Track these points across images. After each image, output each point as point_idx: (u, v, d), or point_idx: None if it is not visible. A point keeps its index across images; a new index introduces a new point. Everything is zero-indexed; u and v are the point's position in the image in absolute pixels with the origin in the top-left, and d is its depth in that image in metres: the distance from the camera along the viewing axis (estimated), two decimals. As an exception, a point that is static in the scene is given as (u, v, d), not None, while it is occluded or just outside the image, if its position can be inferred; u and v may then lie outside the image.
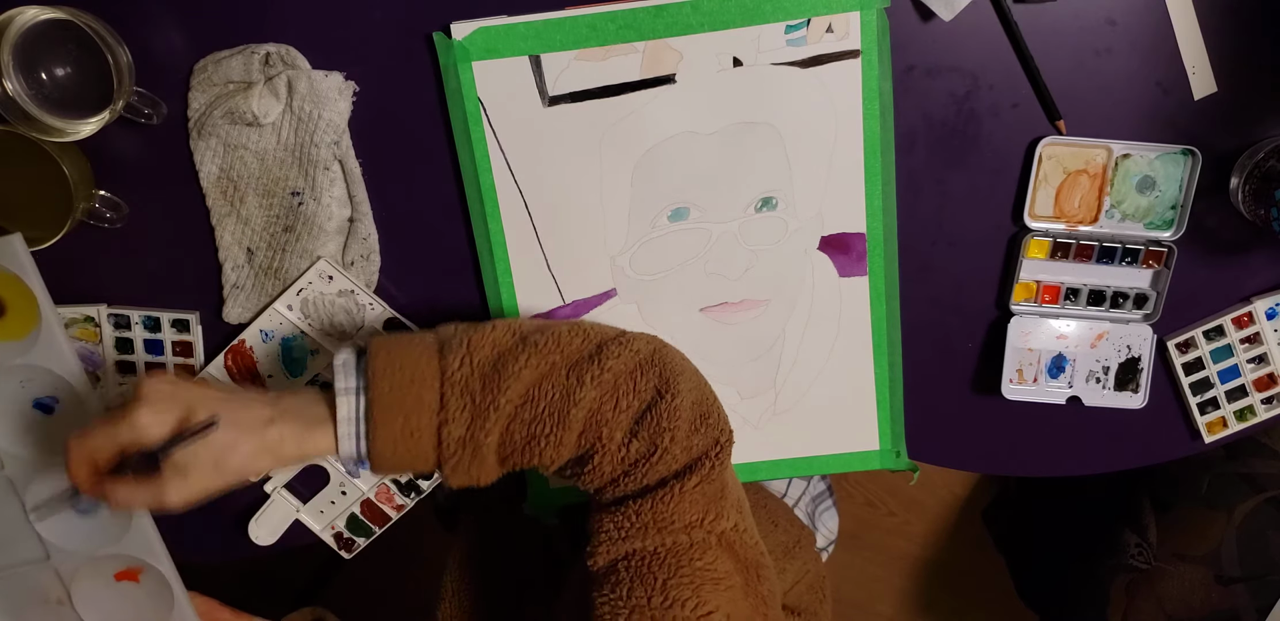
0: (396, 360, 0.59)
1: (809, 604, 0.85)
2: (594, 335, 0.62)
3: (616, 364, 0.60)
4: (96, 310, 0.76)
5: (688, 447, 0.60)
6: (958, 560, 1.70)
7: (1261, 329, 0.79)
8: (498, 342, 0.60)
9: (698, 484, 0.59)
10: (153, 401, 0.56)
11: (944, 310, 0.79)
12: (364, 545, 0.84)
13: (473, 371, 0.59)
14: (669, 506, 0.58)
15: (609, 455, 0.60)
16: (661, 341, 0.65)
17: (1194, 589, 1.07)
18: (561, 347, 0.61)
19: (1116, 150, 0.74)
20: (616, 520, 0.59)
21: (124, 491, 0.56)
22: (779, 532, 0.86)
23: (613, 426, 0.59)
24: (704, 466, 0.59)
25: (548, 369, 0.60)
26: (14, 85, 0.66)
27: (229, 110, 0.70)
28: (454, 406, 0.58)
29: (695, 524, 0.58)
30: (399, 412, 0.57)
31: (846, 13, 0.70)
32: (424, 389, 0.58)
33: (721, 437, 0.61)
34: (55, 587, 0.68)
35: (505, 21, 0.69)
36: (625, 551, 0.58)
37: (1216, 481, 1.08)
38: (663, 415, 0.59)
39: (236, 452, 0.57)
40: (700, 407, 0.62)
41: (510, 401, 0.58)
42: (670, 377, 0.61)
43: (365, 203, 0.74)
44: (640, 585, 0.56)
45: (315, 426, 0.59)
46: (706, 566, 0.57)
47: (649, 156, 0.73)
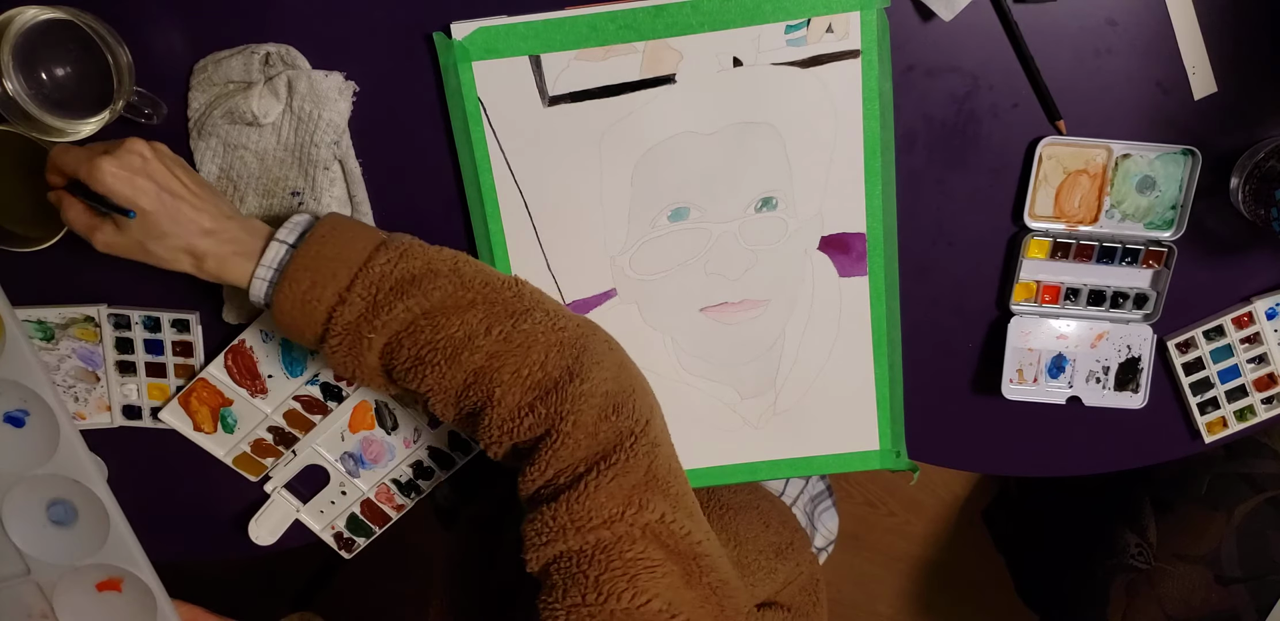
0: (338, 235, 0.63)
1: (801, 604, 0.85)
2: (530, 299, 0.64)
3: (533, 330, 0.62)
4: (96, 310, 0.76)
5: (593, 435, 0.60)
6: (958, 560, 1.70)
7: (1261, 329, 0.79)
8: (432, 262, 0.64)
9: (612, 478, 0.59)
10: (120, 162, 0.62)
11: (944, 310, 0.79)
12: (364, 545, 0.84)
13: (391, 272, 0.62)
14: (584, 505, 0.59)
15: (497, 417, 0.61)
16: (595, 328, 0.66)
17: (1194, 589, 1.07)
18: (488, 292, 0.63)
19: (1116, 150, 0.74)
20: (535, 526, 0.60)
21: (72, 210, 0.64)
22: (770, 533, 0.86)
23: (505, 388, 0.61)
24: (616, 458, 0.60)
25: (463, 303, 0.62)
26: (14, 85, 0.66)
27: (229, 110, 0.70)
28: (356, 293, 0.62)
29: (615, 517, 0.58)
30: (309, 275, 0.62)
31: (846, 13, 0.70)
32: (341, 267, 0.62)
33: (636, 428, 0.61)
34: (38, 602, 0.67)
35: (505, 21, 0.69)
36: (552, 555, 0.59)
37: (1216, 481, 1.08)
38: (567, 398, 0.60)
39: (163, 242, 0.63)
40: (613, 398, 0.62)
41: (409, 310, 0.61)
42: (586, 363, 0.62)
43: (365, 203, 0.74)
44: (574, 585, 0.57)
45: (241, 257, 0.64)
46: (637, 556, 0.57)
47: (649, 156, 0.73)
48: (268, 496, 0.81)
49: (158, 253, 0.64)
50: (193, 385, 0.78)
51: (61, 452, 0.64)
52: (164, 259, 0.64)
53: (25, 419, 0.66)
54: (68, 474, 0.65)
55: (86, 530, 0.65)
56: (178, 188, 0.63)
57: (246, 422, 0.79)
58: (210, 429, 0.79)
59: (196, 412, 0.79)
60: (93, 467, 0.65)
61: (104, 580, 0.66)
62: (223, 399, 0.78)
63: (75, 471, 0.65)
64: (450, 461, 0.80)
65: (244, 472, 0.81)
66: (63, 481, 0.65)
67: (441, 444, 0.80)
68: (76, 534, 0.66)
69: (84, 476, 0.65)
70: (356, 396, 0.78)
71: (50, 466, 0.65)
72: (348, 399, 0.78)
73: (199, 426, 0.79)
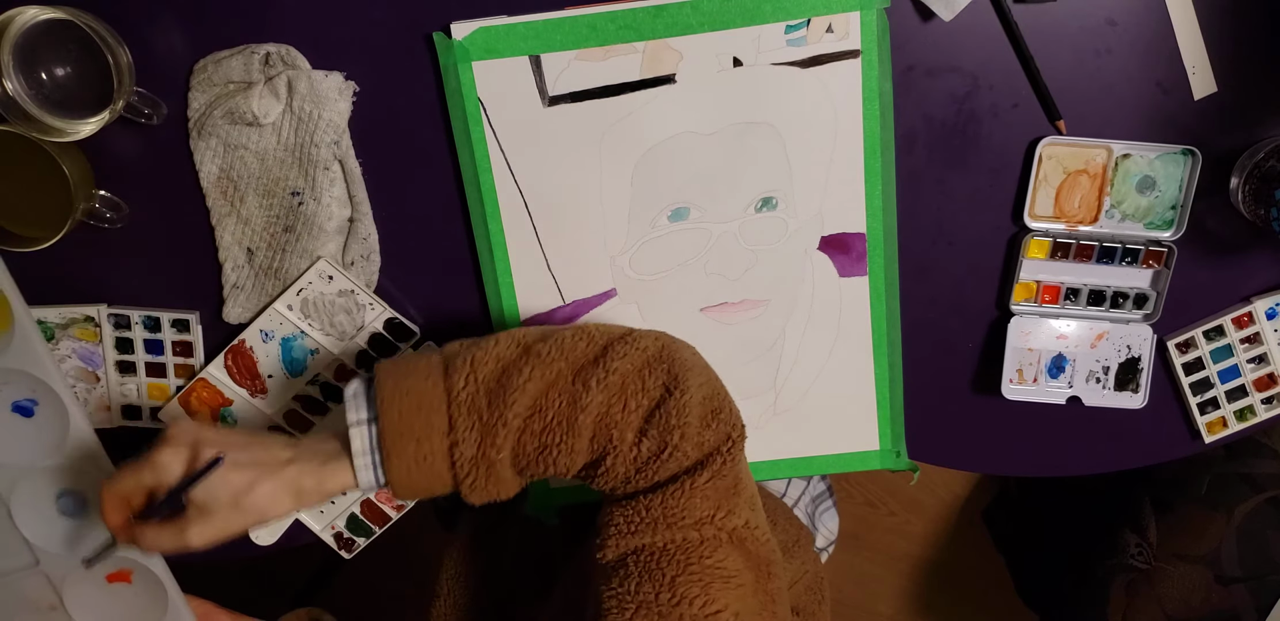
0: (403, 386, 0.59)
1: (807, 604, 0.85)
2: (599, 337, 0.62)
3: (623, 364, 0.60)
4: (96, 310, 0.76)
5: (699, 443, 0.59)
6: (958, 560, 1.70)
7: (1261, 329, 0.79)
8: (501, 356, 0.60)
9: (709, 480, 0.59)
10: (173, 442, 0.58)
11: (944, 310, 0.79)
12: (364, 545, 0.84)
13: (478, 389, 0.58)
14: (680, 502, 0.58)
15: (621, 456, 0.59)
16: (670, 337, 0.64)
17: (1194, 589, 1.07)
18: (565, 354, 0.60)
19: (1116, 150, 0.74)
20: (627, 514, 0.59)
21: (151, 534, 0.58)
22: (777, 532, 0.86)
23: (623, 427, 0.59)
24: (715, 462, 0.59)
25: (554, 377, 0.59)
26: (14, 85, 0.66)
27: (229, 110, 0.70)
28: (462, 427, 0.58)
29: (706, 520, 0.58)
30: (410, 439, 0.57)
31: (846, 13, 0.70)
32: (432, 413, 0.58)
33: (734, 433, 0.61)
34: (47, 594, 0.67)
35: (505, 21, 0.69)
36: (635, 546, 0.58)
37: (1216, 481, 1.08)
38: (672, 412, 0.59)
39: (255, 491, 0.58)
40: (711, 403, 0.61)
41: (518, 415, 0.58)
42: (679, 373, 0.60)
43: (365, 203, 0.74)
44: (649, 580, 0.56)
45: (332, 461, 0.60)
46: (716, 564, 0.57)
47: (649, 156, 0.73)
48: (268, 496, 0.81)
49: (257, 503, 0.58)
50: (193, 385, 0.78)
51: (71, 443, 0.64)
52: (265, 507, 0.59)
53: (34, 409, 0.65)
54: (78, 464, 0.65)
55: (95, 522, 0.65)
56: (235, 436, 0.60)
57: (246, 423, 0.79)
58: (210, 429, 0.79)
59: (196, 412, 0.79)
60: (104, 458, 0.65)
61: (114, 571, 0.66)
62: (223, 399, 0.78)
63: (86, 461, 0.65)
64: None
65: (244, 472, 0.81)
66: (72, 471, 0.65)
67: (441, 444, 0.80)
68: (86, 525, 0.66)
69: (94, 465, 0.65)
70: (356, 396, 0.78)
71: (60, 456, 0.65)
72: (348, 399, 0.78)
73: (199, 426, 0.79)
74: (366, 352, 0.77)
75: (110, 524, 0.59)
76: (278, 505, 0.59)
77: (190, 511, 0.58)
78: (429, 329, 0.78)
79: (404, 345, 0.77)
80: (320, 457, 0.60)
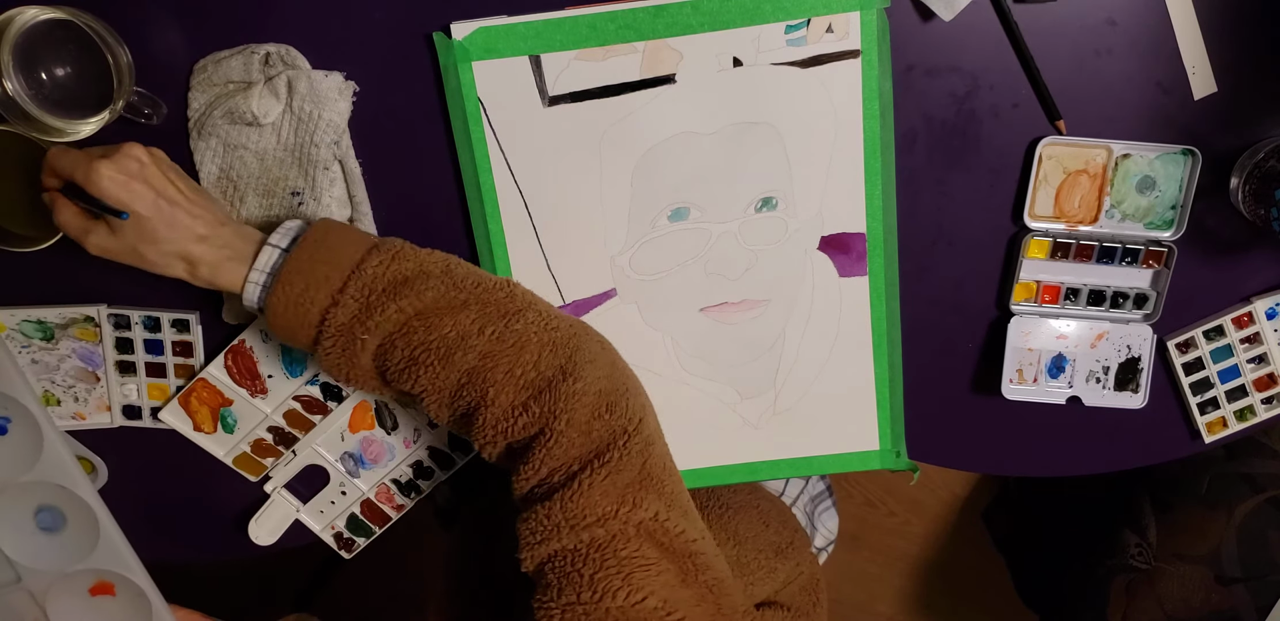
0: (330, 239, 0.64)
1: (802, 604, 0.85)
2: (522, 299, 0.65)
3: (525, 330, 0.62)
4: (96, 310, 0.76)
5: (586, 433, 0.60)
6: (958, 560, 1.70)
7: (1261, 329, 0.79)
8: (424, 264, 0.64)
9: (606, 476, 0.59)
10: (117, 166, 0.62)
11: (944, 310, 0.79)
12: (364, 545, 0.84)
13: (383, 274, 0.63)
14: (577, 503, 0.59)
15: (491, 417, 0.62)
16: (587, 329, 0.67)
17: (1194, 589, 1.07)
18: (480, 292, 0.64)
19: (1116, 150, 0.74)
20: (530, 525, 0.60)
21: (65, 212, 0.65)
22: (770, 533, 0.86)
23: (499, 388, 0.61)
24: (610, 456, 0.60)
25: (456, 303, 0.62)
26: (14, 85, 0.66)
27: (229, 110, 0.70)
28: (349, 294, 0.62)
29: (609, 515, 0.58)
30: (302, 279, 0.62)
31: (846, 13, 0.70)
32: (334, 269, 0.63)
33: (629, 427, 0.62)
34: (31, 610, 0.67)
35: (505, 21, 0.69)
36: (546, 554, 0.59)
37: (1216, 481, 1.08)
38: (560, 397, 0.60)
39: (156, 247, 0.64)
40: (607, 397, 0.62)
41: (402, 312, 0.62)
42: (579, 362, 0.62)
43: (365, 203, 0.74)
44: (569, 584, 0.57)
45: (234, 262, 0.65)
46: (632, 555, 0.57)
47: (649, 156, 0.73)
48: (268, 496, 0.81)
49: (151, 257, 0.64)
50: (193, 385, 0.78)
51: (46, 458, 0.64)
52: (157, 264, 0.65)
53: (7, 426, 0.65)
54: (53, 479, 0.64)
55: (76, 535, 0.65)
56: (174, 193, 0.64)
57: (246, 422, 0.79)
58: (210, 429, 0.79)
59: (196, 412, 0.79)
60: (79, 472, 0.65)
61: (96, 585, 0.66)
62: (223, 399, 0.78)
63: (61, 477, 0.64)
64: (450, 461, 0.80)
65: (244, 472, 0.81)
66: (49, 487, 0.64)
67: (441, 444, 0.80)
68: (66, 539, 0.65)
69: (70, 481, 0.64)
70: (356, 396, 0.78)
71: (35, 473, 0.64)
72: (348, 399, 0.78)
73: (199, 426, 0.79)
74: (366, 352, 0.77)
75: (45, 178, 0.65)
76: (168, 268, 0.65)
77: (103, 223, 0.64)
78: (429, 329, 0.77)
79: (404, 345, 0.77)
80: (227, 253, 0.65)
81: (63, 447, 0.64)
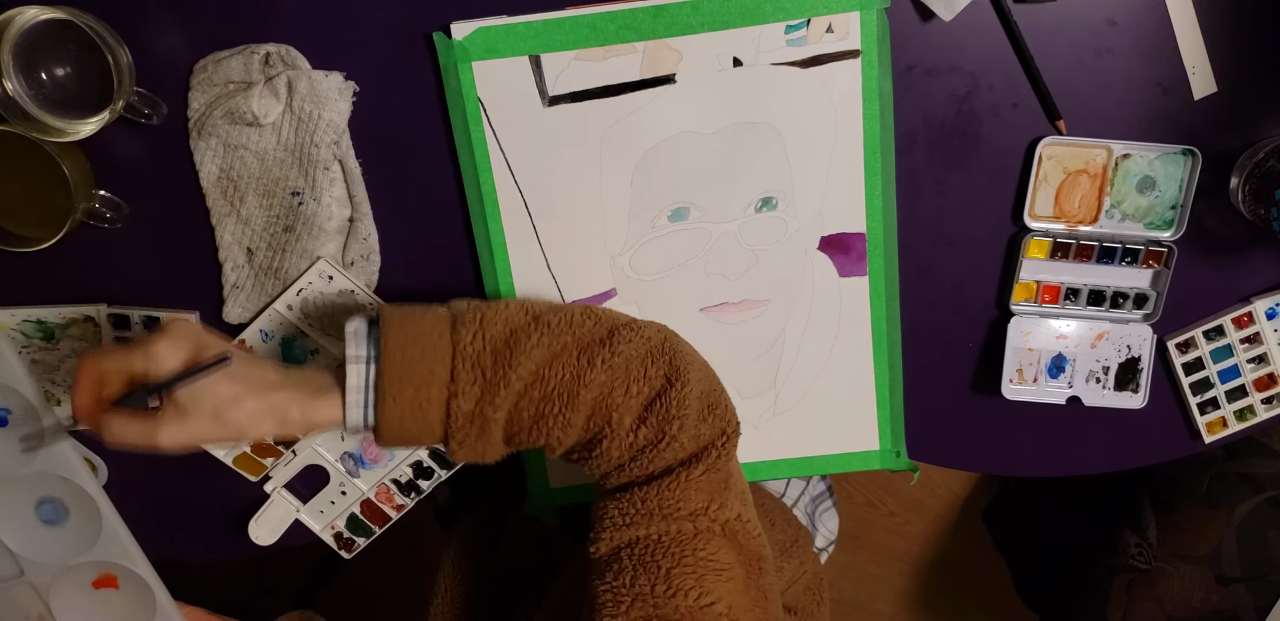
0: (410, 331, 0.58)
1: (806, 604, 0.85)
2: (606, 320, 0.63)
3: (628, 349, 0.60)
4: (96, 310, 0.76)
5: (695, 436, 0.60)
6: (958, 560, 1.70)
7: (1261, 329, 0.79)
8: (510, 320, 0.60)
9: (704, 473, 0.59)
10: (173, 335, 0.56)
11: (944, 310, 0.79)
12: (364, 545, 0.84)
13: (485, 347, 0.58)
14: (674, 494, 0.58)
15: (617, 440, 0.60)
16: (671, 330, 0.65)
17: (1194, 589, 1.07)
18: (574, 328, 0.60)
19: (1116, 150, 0.74)
20: (622, 507, 0.59)
21: (119, 423, 0.55)
22: (775, 531, 0.86)
23: (622, 411, 0.59)
24: (710, 455, 0.60)
25: (559, 349, 0.59)
26: (14, 85, 0.66)
27: (229, 110, 0.70)
28: (464, 380, 0.57)
29: (700, 512, 0.58)
30: (409, 384, 0.57)
31: (846, 13, 0.70)
32: (435, 362, 0.57)
33: (729, 428, 0.61)
34: (34, 604, 0.66)
35: (505, 21, 0.69)
36: (629, 538, 0.58)
37: (1216, 481, 1.08)
38: (672, 403, 0.59)
39: (239, 407, 0.56)
40: (709, 397, 0.62)
41: (521, 379, 0.58)
42: (680, 366, 0.61)
43: (365, 203, 0.74)
44: (644, 572, 0.56)
45: (323, 394, 0.59)
46: (710, 556, 0.57)
47: (649, 156, 0.73)
48: (268, 496, 0.81)
49: (237, 419, 0.56)
50: (193, 385, 0.78)
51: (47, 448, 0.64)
52: (244, 425, 0.57)
53: (7, 418, 0.65)
54: (55, 470, 0.64)
55: (78, 527, 0.65)
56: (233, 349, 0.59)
57: (246, 422, 0.79)
58: (210, 429, 0.79)
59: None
60: (80, 463, 0.65)
61: (100, 577, 0.66)
62: (223, 399, 0.78)
63: (63, 468, 0.64)
64: (450, 461, 0.80)
65: (244, 472, 0.81)
66: (51, 479, 0.64)
67: (441, 444, 0.80)
68: (68, 532, 0.65)
69: (72, 472, 0.64)
70: (356, 396, 0.78)
71: (37, 464, 0.64)
72: (348, 399, 0.78)
73: (199, 426, 0.79)
74: (366, 352, 0.77)
75: (77, 401, 0.56)
76: (258, 426, 0.57)
77: (168, 410, 0.55)
78: (429, 329, 0.77)
79: (404, 345, 0.77)
80: (310, 388, 0.59)
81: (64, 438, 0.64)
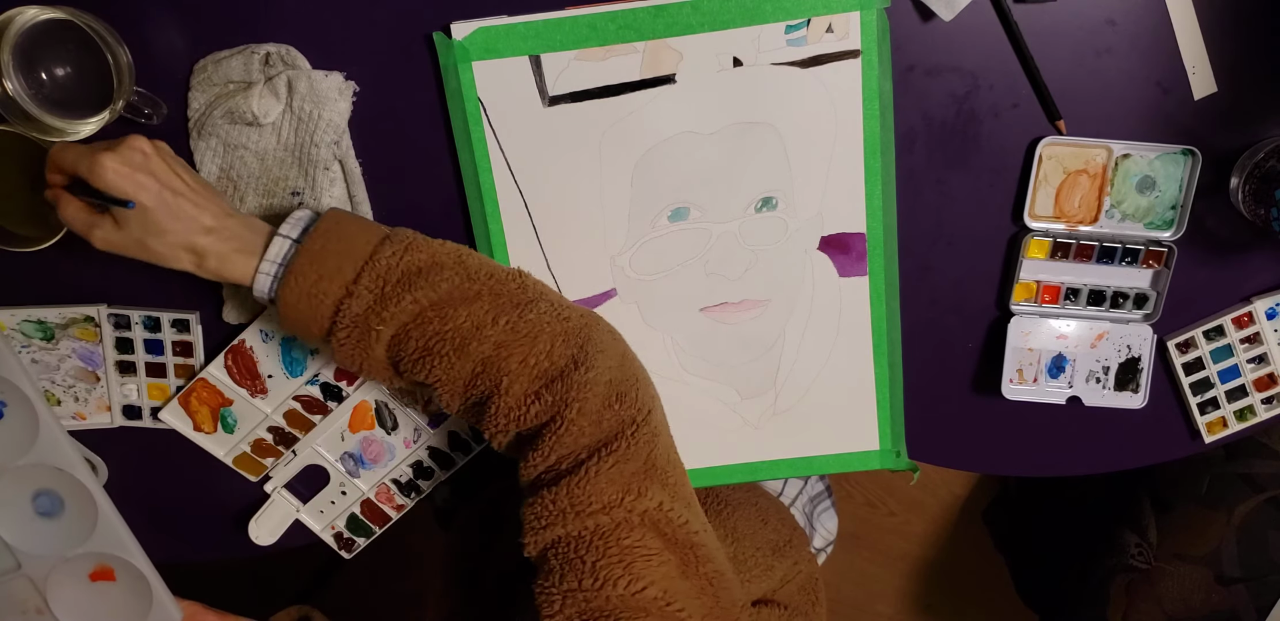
0: (341, 230, 0.63)
1: (800, 603, 0.85)
2: (534, 290, 0.65)
3: (539, 319, 0.62)
4: (96, 310, 0.76)
5: (597, 422, 0.61)
6: (958, 560, 1.70)
7: (1261, 329, 0.79)
8: (436, 254, 0.64)
9: (614, 464, 0.60)
10: (121, 158, 0.61)
11: (944, 310, 0.79)
12: (364, 545, 0.84)
13: (397, 266, 0.62)
14: (584, 489, 0.59)
15: (504, 406, 0.62)
16: (598, 319, 0.67)
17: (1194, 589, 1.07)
18: (494, 286, 0.63)
19: (1116, 150, 0.74)
20: (535, 510, 0.60)
21: (70, 207, 0.64)
22: (768, 530, 0.86)
23: (513, 377, 0.61)
24: (617, 445, 0.60)
25: (470, 294, 0.62)
26: (14, 85, 0.66)
27: (229, 110, 0.70)
28: (364, 285, 0.62)
29: (614, 503, 0.59)
30: (315, 270, 0.62)
31: (846, 13, 0.70)
32: (346, 261, 0.62)
33: (638, 417, 0.62)
34: (31, 597, 0.66)
35: (505, 21, 0.69)
36: (550, 539, 0.59)
37: (1216, 481, 1.08)
38: (572, 386, 0.61)
39: (162, 239, 0.63)
40: (618, 387, 0.62)
41: (417, 302, 0.61)
42: (590, 352, 0.62)
43: (365, 203, 0.74)
44: (570, 570, 0.57)
45: (243, 253, 0.64)
46: (634, 544, 0.58)
47: (649, 156, 0.73)
48: (268, 496, 0.81)
49: (158, 249, 0.63)
50: (193, 385, 0.78)
51: (43, 441, 0.64)
52: (164, 256, 0.64)
53: (3, 410, 0.65)
54: (51, 462, 0.64)
55: (74, 519, 0.65)
56: (179, 185, 0.63)
57: (246, 422, 0.79)
58: (210, 429, 0.79)
59: (196, 412, 0.79)
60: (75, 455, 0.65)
61: (96, 569, 0.66)
62: (223, 399, 0.78)
63: (58, 460, 0.64)
64: (450, 461, 0.80)
65: (244, 472, 0.81)
66: (46, 471, 0.64)
67: (441, 444, 0.80)
68: (65, 524, 0.65)
69: (67, 464, 0.64)
70: (356, 396, 0.78)
71: (32, 456, 0.64)
72: (348, 399, 0.78)
73: (199, 426, 0.79)
74: (366, 352, 0.77)
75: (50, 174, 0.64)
76: (175, 261, 0.64)
77: (108, 216, 0.63)
78: (429, 329, 0.77)
79: (404, 345, 0.77)
80: (235, 242, 0.64)
81: (59, 430, 0.64)
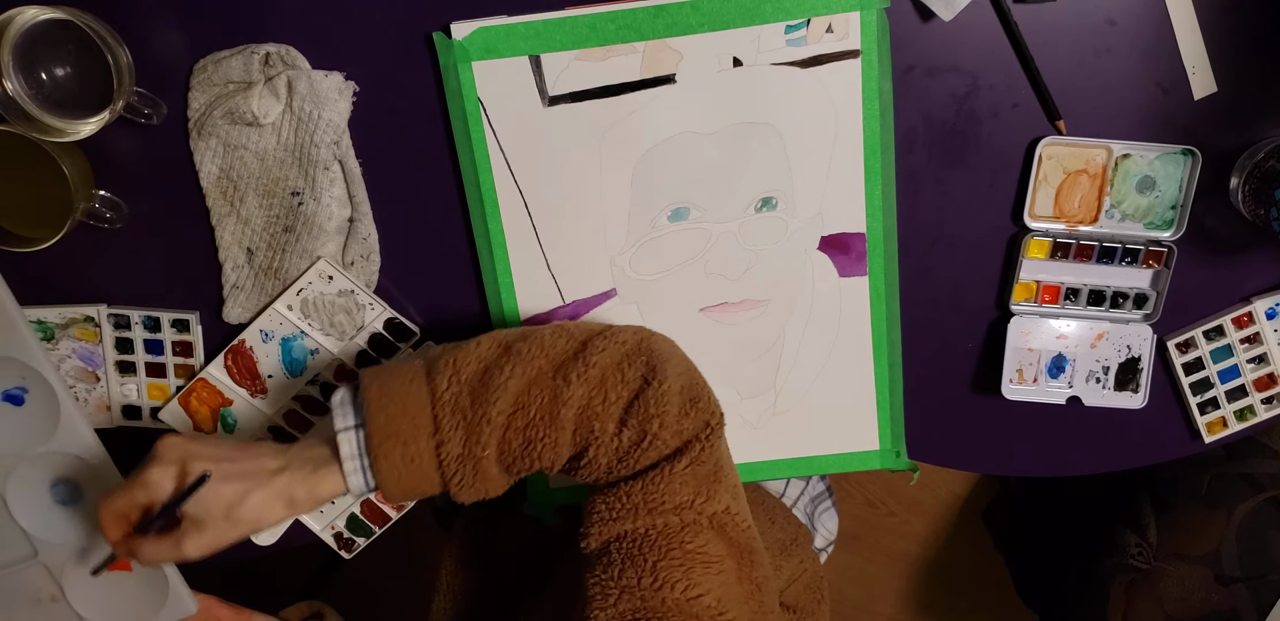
0: (388, 391, 0.60)
1: (806, 603, 0.85)
2: (578, 334, 0.63)
3: (602, 358, 0.61)
4: (96, 310, 0.76)
5: (678, 431, 0.60)
6: (958, 560, 1.70)
7: (1261, 329, 0.79)
8: (483, 357, 0.61)
9: (688, 466, 0.59)
10: (161, 460, 0.59)
11: (944, 310, 0.79)
12: (364, 545, 0.84)
13: (461, 389, 0.60)
14: (659, 487, 0.59)
15: (603, 446, 0.60)
16: (648, 331, 0.66)
17: (1194, 589, 1.07)
18: (545, 351, 0.61)
19: (1116, 150, 0.74)
20: (609, 501, 0.60)
21: (149, 548, 0.59)
22: (775, 530, 0.86)
23: (604, 419, 0.60)
24: (694, 449, 0.60)
25: (535, 374, 0.60)
26: (14, 85, 0.66)
27: (229, 110, 0.70)
28: (447, 426, 0.59)
29: (686, 505, 0.59)
30: (396, 441, 0.58)
31: (846, 13, 0.70)
32: (417, 414, 0.59)
33: (712, 420, 0.62)
34: (47, 584, 0.67)
35: (505, 21, 0.69)
36: (617, 532, 0.59)
37: (1216, 481, 1.08)
38: (650, 401, 0.60)
39: (247, 503, 0.59)
40: (690, 392, 0.62)
41: (501, 412, 0.59)
42: (656, 364, 0.62)
43: (365, 203, 0.74)
44: (631, 566, 0.57)
45: (322, 467, 0.60)
46: (698, 549, 0.58)
47: (649, 156, 0.73)
48: (268, 496, 0.81)
49: (249, 515, 0.59)
50: (193, 385, 0.78)
51: (63, 429, 0.64)
52: (259, 516, 0.59)
53: (24, 397, 0.65)
54: (70, 450, 0.64)
55: (92, 508, 0.65)
56: (223, 451, 0.61)
57: (247, 423, 0.79)
58: (210, 429, 0.79)
59: (196, 412, 0.79)
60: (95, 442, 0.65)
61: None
62: (223, 399, 0.78)
63: (78, 447, 0.64)
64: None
65: (244, 472, 0.81)
66: (65, 458, 0.65)
67: (441, 444, 0.80)
68: (82, 513, 0.66)
69: (87, 452, 0.65)
70: (356, 396, 0.78)
71: (53, 444, 0.64)
72: (348, 399, 0.78)
73: (199, 426, 0.79)
74: (366, 353, 0.77)
75: (110, 539, 0.60)
76: (270, 514, 0.60)
77: (185, 524, 0.59)
78: (429, 329, 0.78)
79: (404, 345, 0.77)
80: (310, 465, 0.61)
81: (79, 417, 0.64)
